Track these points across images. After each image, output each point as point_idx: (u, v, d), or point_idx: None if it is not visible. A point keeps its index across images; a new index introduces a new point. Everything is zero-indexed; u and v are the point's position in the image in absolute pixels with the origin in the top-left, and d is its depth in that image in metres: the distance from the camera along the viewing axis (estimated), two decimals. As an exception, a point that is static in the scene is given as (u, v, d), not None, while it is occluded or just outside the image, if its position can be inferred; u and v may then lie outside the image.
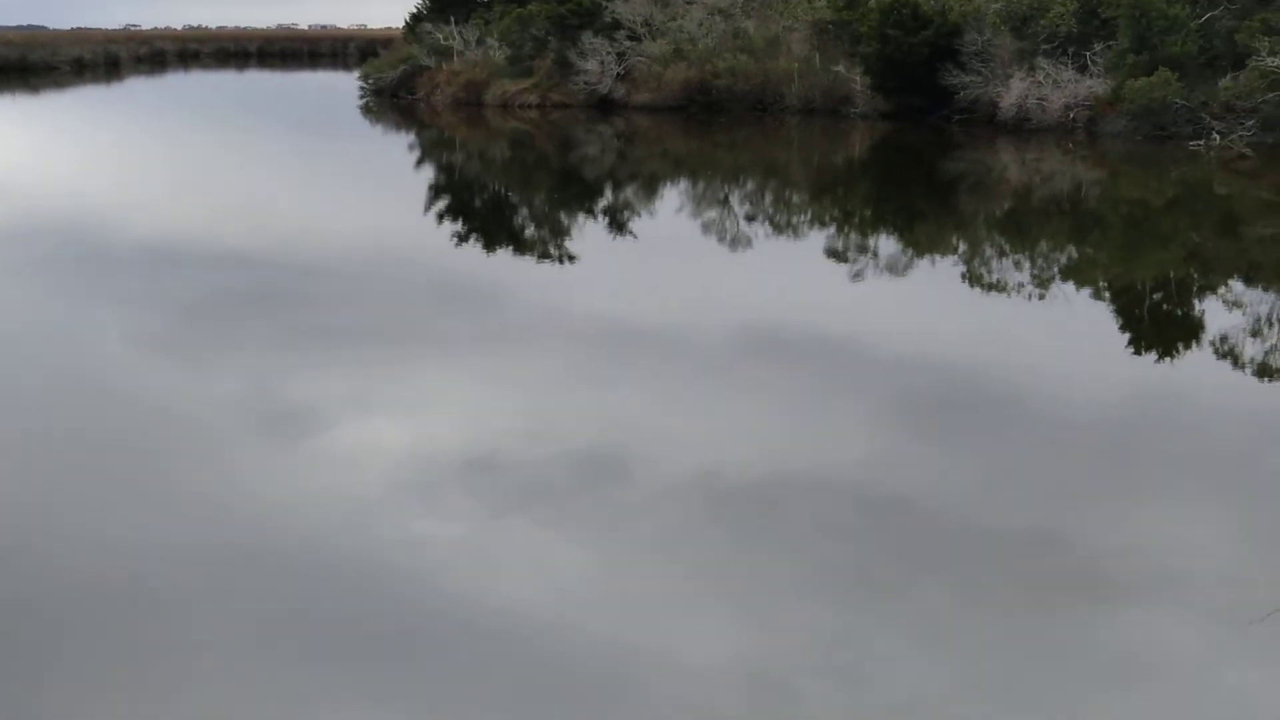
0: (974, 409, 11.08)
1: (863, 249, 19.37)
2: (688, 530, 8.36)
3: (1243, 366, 12.33)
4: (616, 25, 43.34)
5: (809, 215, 23.54)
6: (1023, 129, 33.02)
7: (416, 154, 34.22)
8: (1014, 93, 33.31)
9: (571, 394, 11.33)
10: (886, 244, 20.08)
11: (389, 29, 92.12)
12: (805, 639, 6.94)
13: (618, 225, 22.03)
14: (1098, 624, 7.05)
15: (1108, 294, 16.31)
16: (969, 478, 9.39)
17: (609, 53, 42.62)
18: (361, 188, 26.88)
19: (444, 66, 46.51)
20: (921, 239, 20.58)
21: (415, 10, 50.45)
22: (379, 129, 42.26)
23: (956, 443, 10.19)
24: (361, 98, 50.06)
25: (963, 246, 19.94)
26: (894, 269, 17.57)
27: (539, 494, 8.85)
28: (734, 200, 24.95)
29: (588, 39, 42.57)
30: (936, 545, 8.13)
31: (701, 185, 27.67)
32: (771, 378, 12.01)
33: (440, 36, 47.15)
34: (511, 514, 8.54)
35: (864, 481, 9.21)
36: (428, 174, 30.02)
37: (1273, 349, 12.92)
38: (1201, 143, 29.56)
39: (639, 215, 23.56)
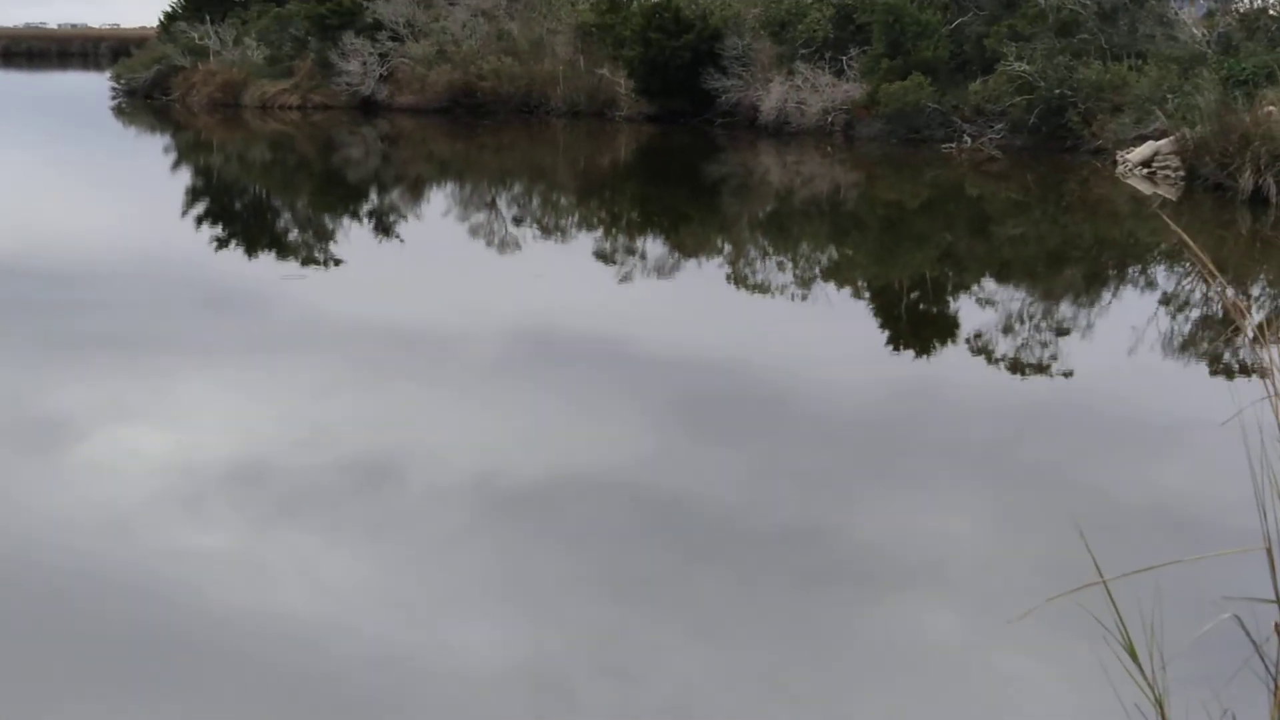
0: (743, 408, 11.20)
1: (630, 251, 19.47)
2: (462, 534, 8.25)
3: (996, 362, 12.74)
4: (378, 26, 42.79)
5: (577, 218, 23.59)
6: (783, 132, 33.71)
7: (172, 156, 33.19)
8: (774, 96, 33.96)
9: (340, 399, 11.08)
10: (654, 246, 20.23)
11: (143, 29, 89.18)
12: (582, 639, 6.92)
13: (384, 229, 21.72)
14: (865, 614, 7.21)
15: (867, 294, 16.72)
16: (739, 475, 9.48)
17: (371, 54, 42.06)
18: (115, 191, 25.96)
19: (200, 67, 45.25)
20: (688, 241, 20.80)
21: (169, 9, 49.01)
22: (132, 130, 40.89)
23: (727, 441, 10.27)
24: (114, 99, 48.39)
25: (728, 248, 20.21)
26: (661, 271, 17.70)
27: (309, 501, 8.62)
28: (501, 203, 24.86)
29: (349, 39, 41.92)
30: (709, 541, 8.21)
31: (468, 188, 27.49)
32: (544, 380, 11.96)
33: (196, 36, 45.87)
34: (281, 521, 8.30)
35: (637, 481, 9.23)
36: (185, 177, 29.13)
37: (1024, 345, 13.40)
38: (953, 145, 30.60)
39: (405, 219, 23.28)
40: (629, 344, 13.24)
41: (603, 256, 19.06)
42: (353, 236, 20.90)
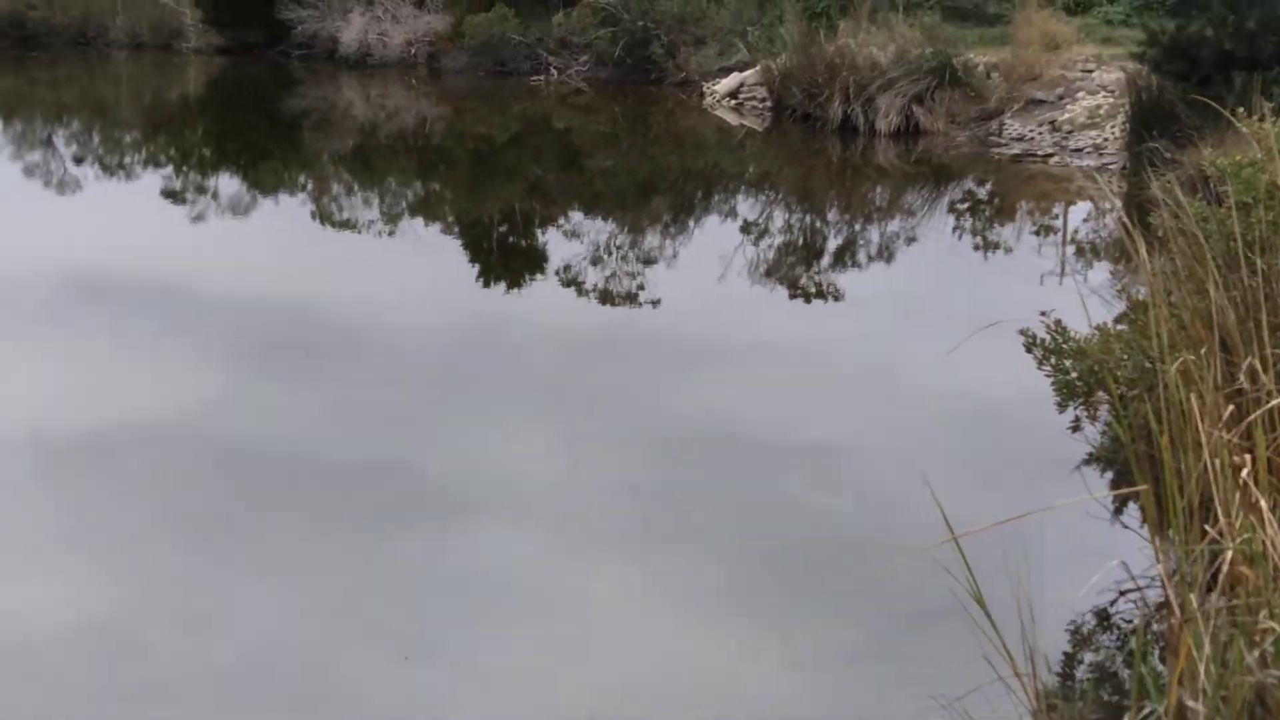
0: (323, 347, 10.70)
1: (203, 190, 18.34)
2: (17, 489, 7.67)
3: (586, 293, 12.53)
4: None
5: (143, 156, 22.13)
6: (365, 65, 32.62)
7: None
8: (354, 28, 32.83)
9: None
10: (229, 184, 19.14)
11: None
12: (154, 589, 6.55)
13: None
14: (446, 543, 7.12)
15: (457, 228, 16.31)
16: (314, 414, 9.11)
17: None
18: None
19: None
20: (266, 178, 19.77)
21: None
22: None
23: (303, 381, 9.85)
24: None
25: (310, 185, 19.36)
26: (238, 209, 16.79)
27: None
28: (59, 141, 23.03)
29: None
30: (281, 482, 7.95)
31: (20, 125, 25.40)
32: (105, 325, 11.06)
33: None
34: None
35: (207, 425, 8.71)
36: None
37: (612, 275, 13.22)
38: (541, 78, 30.37)
39: (-53, 159, 21.25)
40: (200, 286, 12.31)
41: (173, 195, 17.92)
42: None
